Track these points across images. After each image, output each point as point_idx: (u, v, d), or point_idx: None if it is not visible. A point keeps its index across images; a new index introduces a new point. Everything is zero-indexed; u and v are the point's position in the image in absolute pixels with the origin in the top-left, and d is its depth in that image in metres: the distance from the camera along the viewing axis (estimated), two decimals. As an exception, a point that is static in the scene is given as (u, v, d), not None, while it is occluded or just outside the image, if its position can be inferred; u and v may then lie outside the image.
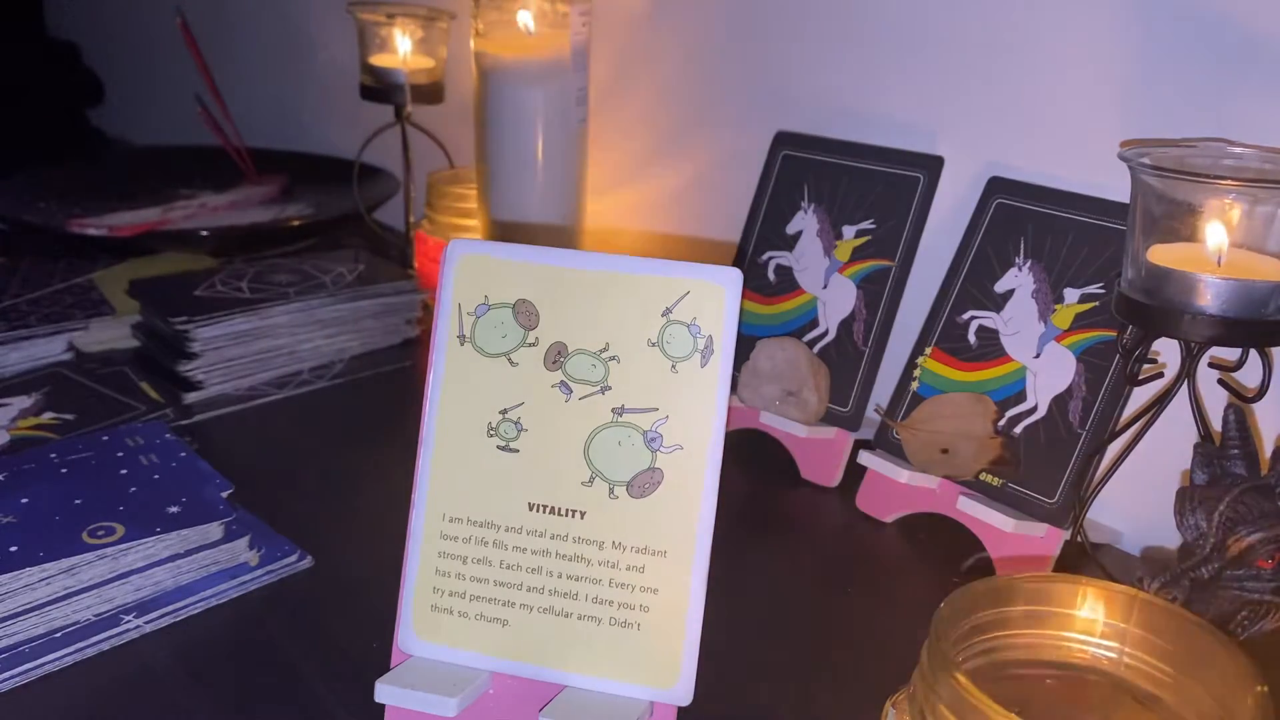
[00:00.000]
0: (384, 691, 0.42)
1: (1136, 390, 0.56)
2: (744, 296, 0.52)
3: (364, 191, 1.05)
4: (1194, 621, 0.37)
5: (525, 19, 0.76)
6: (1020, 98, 0.66)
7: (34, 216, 1.04)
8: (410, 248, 1.01)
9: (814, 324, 0.70)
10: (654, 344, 0.43)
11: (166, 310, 0.77)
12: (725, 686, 0.48)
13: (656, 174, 0.90)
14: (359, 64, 0.98)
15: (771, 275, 0.72)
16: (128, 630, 0.51)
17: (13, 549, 0.50)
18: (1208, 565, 0.48)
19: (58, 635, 0.50)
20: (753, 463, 0.70)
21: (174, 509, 0.55)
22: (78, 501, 0.55)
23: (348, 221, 1.06)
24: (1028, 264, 0.61)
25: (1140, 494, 0.60)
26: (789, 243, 0.72)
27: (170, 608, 0.52)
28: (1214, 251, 0.49)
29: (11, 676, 0.47)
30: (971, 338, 0.63)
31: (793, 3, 0.76)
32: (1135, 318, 0.51)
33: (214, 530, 0.55)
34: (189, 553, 0.54)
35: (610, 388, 0.43)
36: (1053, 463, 0.58)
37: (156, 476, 0.59)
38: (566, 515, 0.43)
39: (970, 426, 0.61)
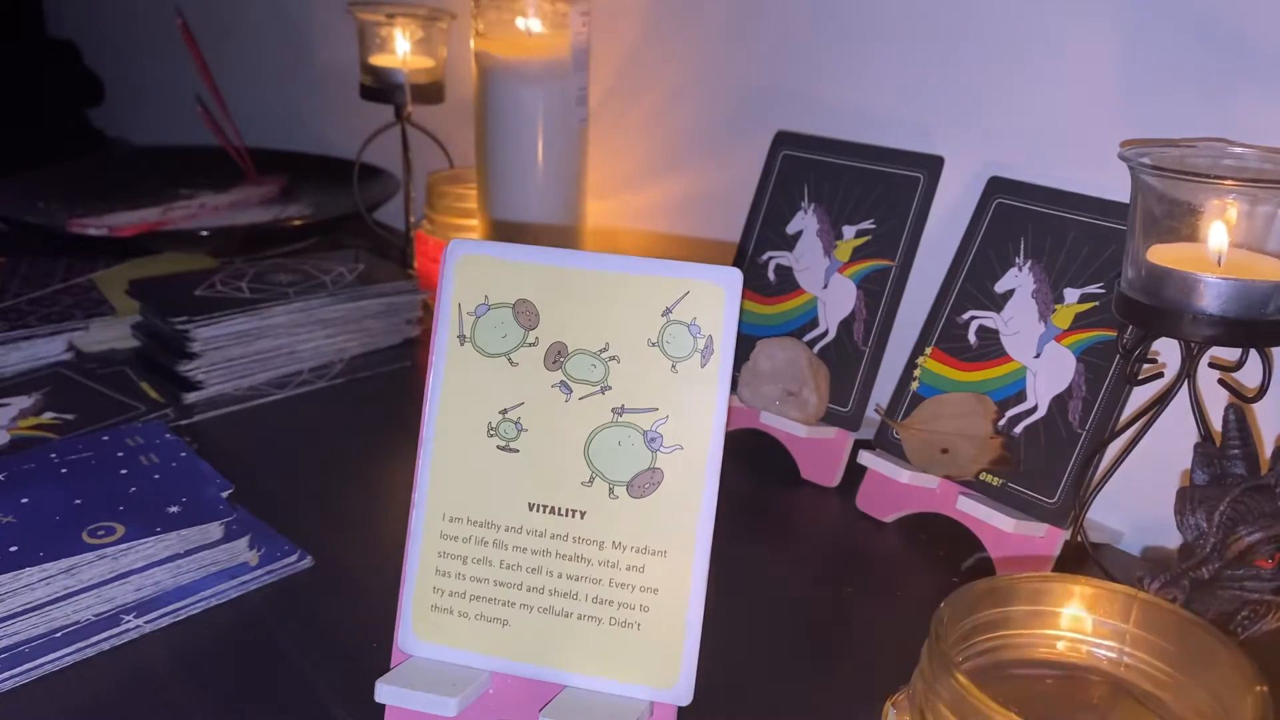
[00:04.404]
0: (384, 691, 0.42)
1: (1136, 390, 0.56)
2: (744, 296, 0.52)
3: (364, 191, 1.05)
4: (1194, 621, 0.37)
5: (525, 19, 0.76)
6: (1020, 97, 0.66)
7: (34, 216, 1.05)
8: (410, 248, 1.01)
9: (814, 324, 0.70)
10: (654, 344, 0.43)
11: (166, 310, 0.77)
12: (725, 686, 0.48)
13: (656, 174, 0.90)
14: (359, 64, 0.98)
15: (771, 275, 0.72)
16: (128, 630, 0.51)
17: (13, 549, 0.50)
18: (1208, 565, 0.48)
19: (58, 635, 0.50)
20: (753, 463, 0.70)
21: (174, 509, 0.55)
22: (78, 501, 0.55)
23: (348, 221, 1.06)
24: (1028, 264, 0.61)
25: (1140, 494, 0.60)
26: (789, 243, 0.72)
27: (170, 608, 0.52)
28: (1214, 251, 0.49)
29: (11, 676, 0.47)
30: (971, 338, 0.63)
31: (793, 3, 0.77)
32: (1135, 318, 0.51)
33: (214, 530, 0.55)
34: (189, 553, 0.54)
35: (610, 388, 0.43)
36: (1053, 463, 0.58)
37: (156, 476, 0.59)
38: (566, 515, 0.43)
39: (970, 426, 0.61)
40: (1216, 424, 0.53)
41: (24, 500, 0.55)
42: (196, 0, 1.37)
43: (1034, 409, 0.60)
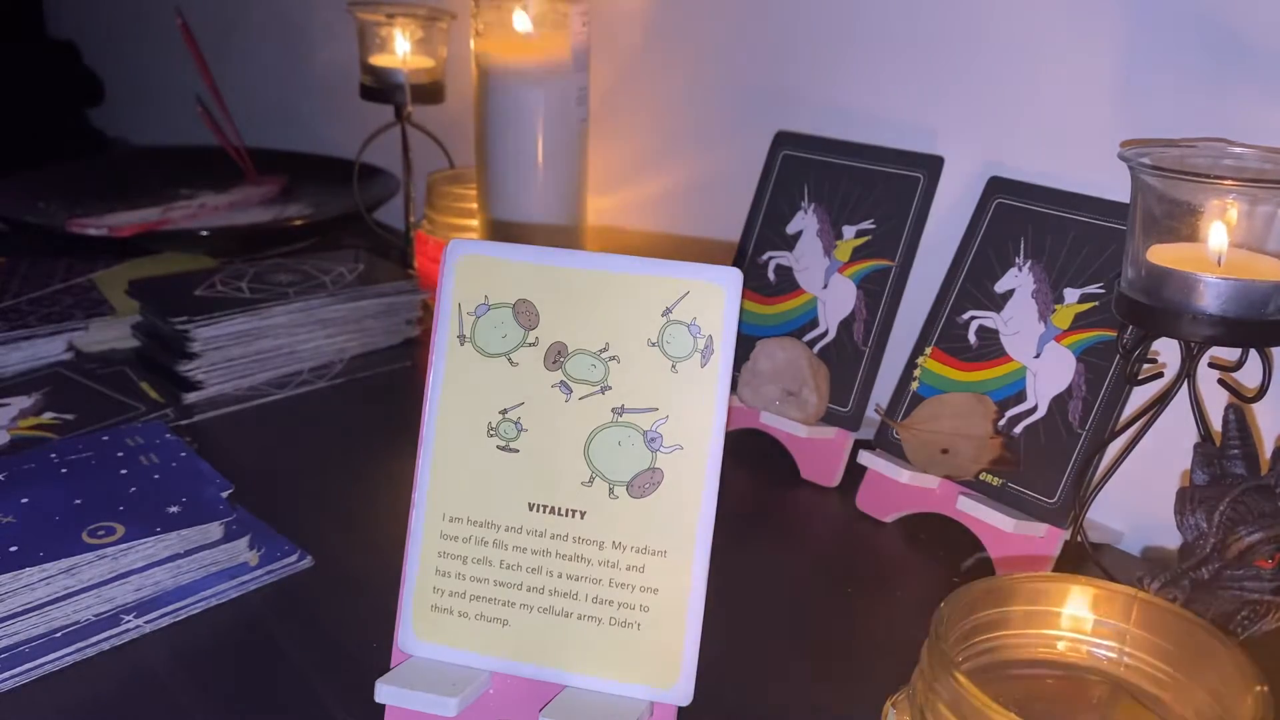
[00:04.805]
0: (384, 691, 0.42)
1: (1136, 390, 0.56)
2: (744, 296, 0.52)
3: (364, 191, 1.05)
4: (1194, 621, 0.37)
5: (525, 19, 0.76)
6: (1020, 98, 0.66)
7: (34, 216, 1.05)
8: (410, 248, 1.01)
9: (814, 324, 0.70)
10: (654, 344, 0.43)
11: (166, 310, 0.77)
12: (725, 686, 0.48)
13: (657, 174, 0.90)
14: (359, 64, 0.98)
15: (771, 275, 0.72)
16: (128, 630, 0.51)
17: (13, 549, 0.50)
18: (1208, 565, 0.48)
19: (58, 635, 0.50)
20: (753, 463, 0.70)
21: (174, 509, 0.55)
22: (78, 501, 0.55)
23: (348, 221, 1.06)
24: (1028, 264, 0.61)
25: (1140, 494, 0.60)
26: (789, 243, 0.72)
27: (170, 608, 0.52)
28: (1214, 251, 0.49)
29: (11, 676, 0.47)
30: (971, 338, 0.63)
31: (793, 3, 0.77)
32: (1135, 318, 0.51)
33: (214, 530, 0.55)
34: (189, 553, 0.54)
35: (610, 388, 0.43)
36: (1053, 463, 0.58)
37: (156, 476, 0.59)
38: (566, 515, 0.43)
39: (970, 426, 0.61)
40: (1216, 424, 0.53)
41: (24, 500, 0.55)
42: (196, 0, 1.37)
43: (1034, 409, 0.60)
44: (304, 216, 1.09)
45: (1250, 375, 0.52)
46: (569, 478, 0.43)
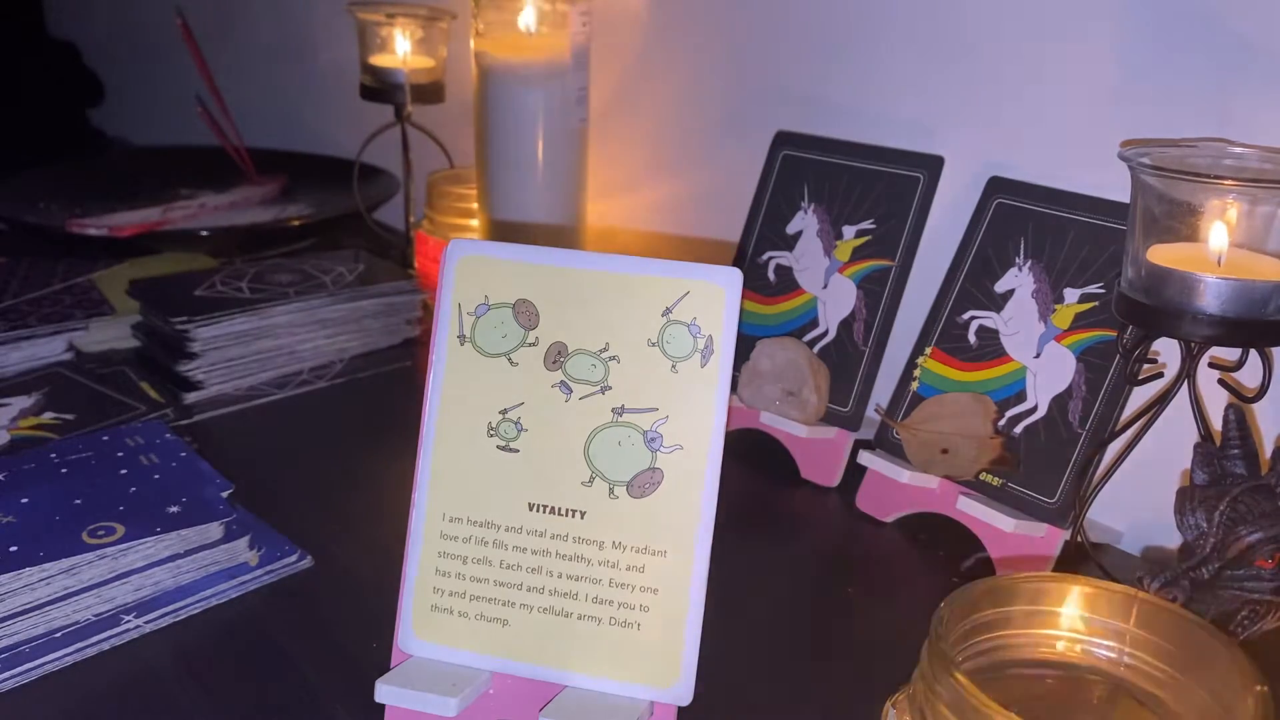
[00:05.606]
0: (384, 691, 0.42)
1: (1136, 390, 0.56)
2: (744, 296, 0.52)
3: (364, 191, 1.05)
4: (1194, 621, 0.37)
5: (525, 19, 0.76)
6: (1020, 98, 0.66)
7: (34, 216, 1.05)
8: (410, 248, 1.01)
9: (814, 324, 0.70)
10: (654, 344, 0.43)
11: (166, 310, 0.77)
12: (725, 686, 0.48)
13: (657, 174, 0.90)
14: (359, 64, 0.98)
15: (771, 275, 0.72)
16: (128, 630, 0.51)
17: (13, 549, 0.50)
18: (1208, 565, 0.48)
19: (58, 635, 0.50)
20: (753, 463, 0.70)
21: (174, 509, 0.55)
22: (78, 501, 0.55)
23: (348, 221, 1.06)
24: (1028, 264, 0.61)
25: (1140, 494, 0.60)
26: (789, 243, 0.72)
27: (170, 608, 0.52)
28: (1214, 251, 0.49)
29: (11, 676, 0.47)
30: (971, 338, 0.63)
31: (794, 3, 0.77)
32: (1135, 318, 0.51)
33: (214, 530, 0.55)
34: (189, 553, 0.54)
35: (610, 388, 0.43)
36: (1053, 463, 0.58)
37: (156, 476, 0.59)
38: (566, 515, 0.43)
39: (970, 426, 0.61)
40: (1216, 424, 0.53)
41: (24, 500, 0.55)
42: (196, 0, 1.37)
43: (1034, 409, 0.60)
44: (304, 216, 1.09)
45: (1250, 375, 0.52)
46: (569, 478, 0.43)
